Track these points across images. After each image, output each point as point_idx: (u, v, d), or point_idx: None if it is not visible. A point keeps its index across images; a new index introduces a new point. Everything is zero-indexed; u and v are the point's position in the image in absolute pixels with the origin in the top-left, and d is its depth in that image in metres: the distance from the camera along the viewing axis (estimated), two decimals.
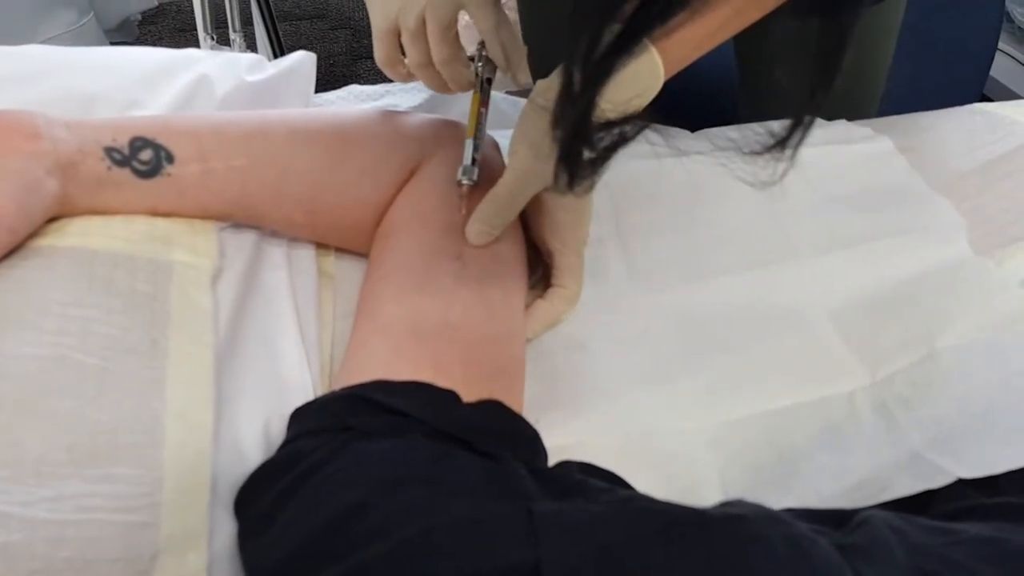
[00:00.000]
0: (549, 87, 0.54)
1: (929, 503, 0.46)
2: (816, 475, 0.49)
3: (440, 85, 0.55)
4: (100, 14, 1.57)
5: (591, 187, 0.39)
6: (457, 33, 0.53)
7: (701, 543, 0.30)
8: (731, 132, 0.34)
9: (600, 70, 0.32)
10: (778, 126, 0.36)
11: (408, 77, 0.56)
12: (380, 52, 0.55)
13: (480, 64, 0.55)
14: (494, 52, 0.54)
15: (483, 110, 0.54)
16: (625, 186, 0.66)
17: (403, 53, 0.55)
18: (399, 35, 0.53)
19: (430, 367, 0.44)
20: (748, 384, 0.54)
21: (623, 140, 0.37)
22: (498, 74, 0.57)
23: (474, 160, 0.52)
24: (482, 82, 0.55)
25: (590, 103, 0.34)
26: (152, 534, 0.38)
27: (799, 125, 0.36)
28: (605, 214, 0.64)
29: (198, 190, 0.48)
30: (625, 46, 0.31)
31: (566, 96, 0.34)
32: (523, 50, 0.55)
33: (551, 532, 0.31)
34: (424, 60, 0.53)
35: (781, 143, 0.36)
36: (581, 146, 0.36)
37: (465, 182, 0.52)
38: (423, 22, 0.51)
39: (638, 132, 0.36)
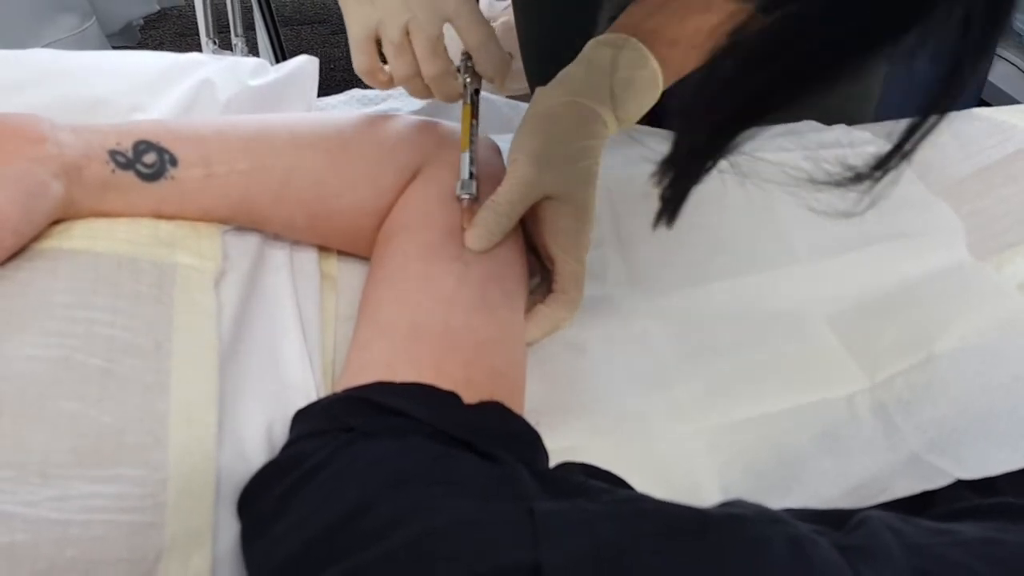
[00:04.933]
0: (548, 94, 0.55)
1: (929, 504, 0.46)
2: (816, 478, 0.49)
3: (425, 94, 0.55)
4: (102, 18, 1.57)
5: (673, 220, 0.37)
6: (445, 47, 0.53)
7: (701, 544, 0.31)
8: (803, 163, 0.32)
9: (717, 145, 0.31)
10: (859, 161, 0.32)
11: (388, 85, 0.56)
12: (359, 61, 0.54)
13: (467, 77, 0.55)
14: (483, 67, 0.54)
15: (474, 122, 0.54)
16: (624, 190, 0.66)
17: (382, 60, 0.55)
18: (378, 42, 0.53)
19: (431, 369, 0.44)
20: (747, 387, 0.54)
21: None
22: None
23: (471, 174, 0.52)
24: (470, 94, 0.55)
25: (700, 172, 0.33)
26: (156, 535, 0.38)
27: (898, 150, 0.31)
28: (604, 217, 0.64)
29: (201, 193, 0.49)
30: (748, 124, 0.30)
31: (674, 162, 0.33)
32: (509, 61, 0.55)
33: (551, 532, 0.32)
34: (411, 72, 0.53)
35: (875, 170, 0.31)
36: (683, 197, 0.35)
37: (464, 197, 0.52)
38: (407, 34, 0.51)
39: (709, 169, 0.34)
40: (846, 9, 0.25)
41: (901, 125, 0.30)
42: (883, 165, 0.31)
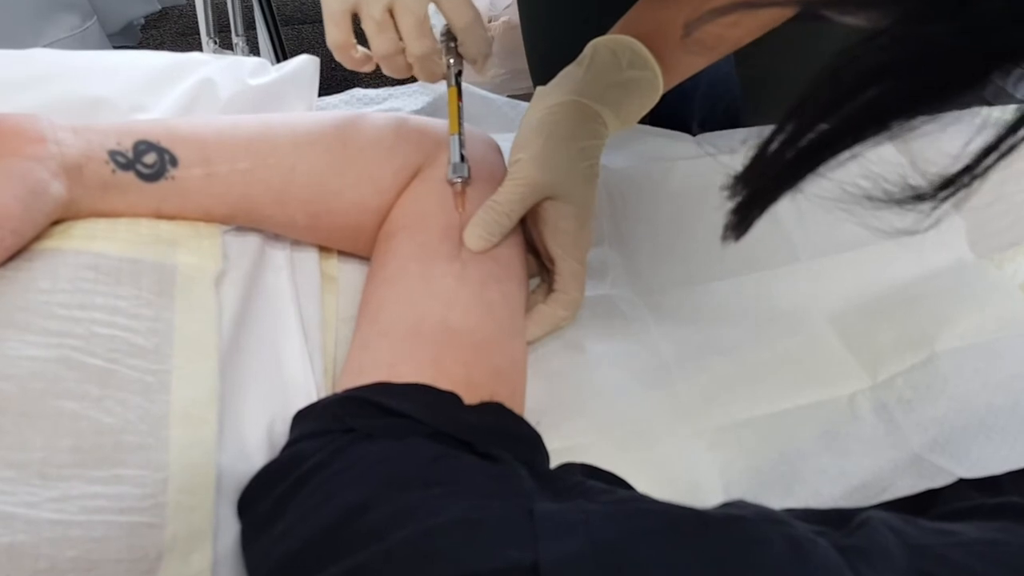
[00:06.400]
0: (549, 93, 0.54)
1: (932, 504, 0.46)
2: (817, 477, 0.49)
3: (404, 72, 0.54)
4: (103, 18, 1.57)
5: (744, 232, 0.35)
6: (431, 26, 0.52)
7: (701, 544, 0.31)
8: (861, 180, 0.30)
9: (807, 163, 0.28)
10: (921, 180, 0.29)
11: (360, 63, 0.54)
12: (334, 35, 0.52)
13: (450, 58, 0.54)
14: (468, 48, 0.53)
15: (460, 104, 0.54)
16: (624, 189, 0.66)
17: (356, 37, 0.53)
18: (353, 17, 0.51)
19: (431, 369, 0.44)
20: (748, 387, 0.54)
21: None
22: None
23: (463, 157, 0.52)
24: (454, 76, 0.55)
25: (778, 195, 0.30)
26: (157, 535, 0.38)
27: (969, 171, 0.28)
28: (604, 216, 0.64)
29: (202, 193, 0.49)
30: (837, 146, 0.27)
31: (750, 181, 0.31)
32: (491, 43, 0.55)
33: (550, 532, 0.32)
34: (392, 50, 0.51)
35: (940, 191, 0.28)
36: (756, 217, 0.32)
37: (457, 180, 0.52)
38: (389, 12, 0.50)
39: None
40: (978, 29, 0.23)
41: (973, 145, 0.28)
42: (949, 186, 0.28)
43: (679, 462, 0.51)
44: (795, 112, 0.27)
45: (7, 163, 0.42)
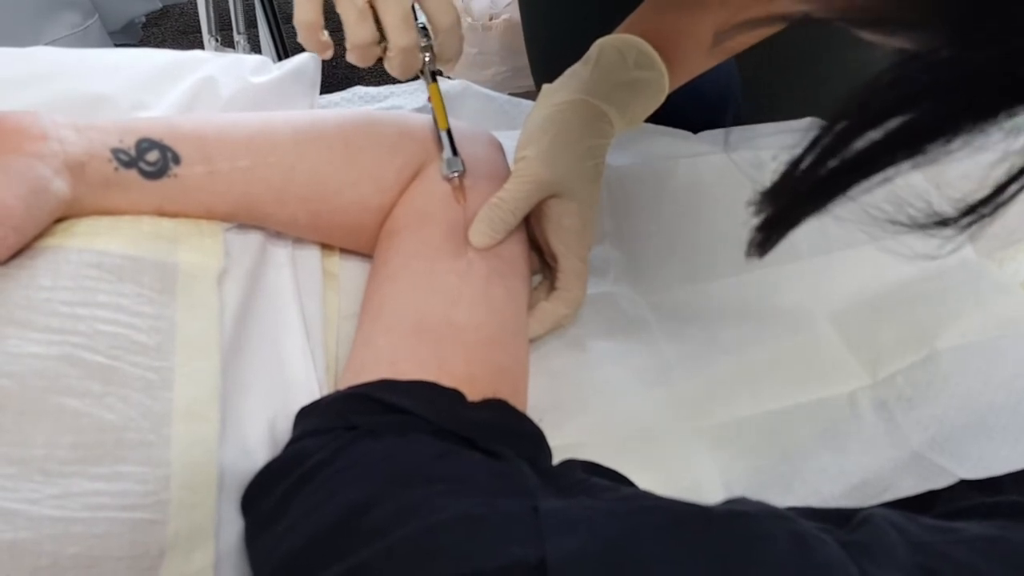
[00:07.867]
0: (555, 92, 0.54)
1: (932, 503, 0.46)
2: (817, 475, 0.49)
3: (368, 62, 0.52)
4: (104, 16, 1.57)
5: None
6: (414, 21, 0.51)
7: (706, 539, 0.31)
8: (884, 204, 0.29)
9: (838, 184, 0.27)
10: (946, 205, 0.28)
11: (322, 48, 0.53)
12: (305, 13, 0.50)
13: (426, 55, 0.53)
14: (445, 48, 0.53)
15: (443, 100, 0.54)
16: (626, 186, 0.66)
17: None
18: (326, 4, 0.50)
19: (435, 366, 0.44)
20: (749, 385, 0.54)
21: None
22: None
23: (455, 151, 0.52)
24: (432, 74, 0.54)
25: (803, 217, 0.30)
26: (159, 532, 0.38)
27: (993, 198, 0.27)
28: (606, 214, 0.64)
29: (204, 191, 0.49)
30: (868, 167, 0.27)
31: (777, 199, 0.30)
32: (463, 41, 0.54)
33: (556, 529, 0.32)
34: (370, 40, 0.50)
35: (964, 216, 0.27)
36: (781, 235, 0.32)
37: (453, 175, 0.52)
38: (369, 3, 0.48)
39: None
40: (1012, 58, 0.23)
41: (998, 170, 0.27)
42: (973, 212, 0.27)
43: (680, 461, 0.51)
44: (828, 131, 0.27)
45: (9, 161, 0.42)
